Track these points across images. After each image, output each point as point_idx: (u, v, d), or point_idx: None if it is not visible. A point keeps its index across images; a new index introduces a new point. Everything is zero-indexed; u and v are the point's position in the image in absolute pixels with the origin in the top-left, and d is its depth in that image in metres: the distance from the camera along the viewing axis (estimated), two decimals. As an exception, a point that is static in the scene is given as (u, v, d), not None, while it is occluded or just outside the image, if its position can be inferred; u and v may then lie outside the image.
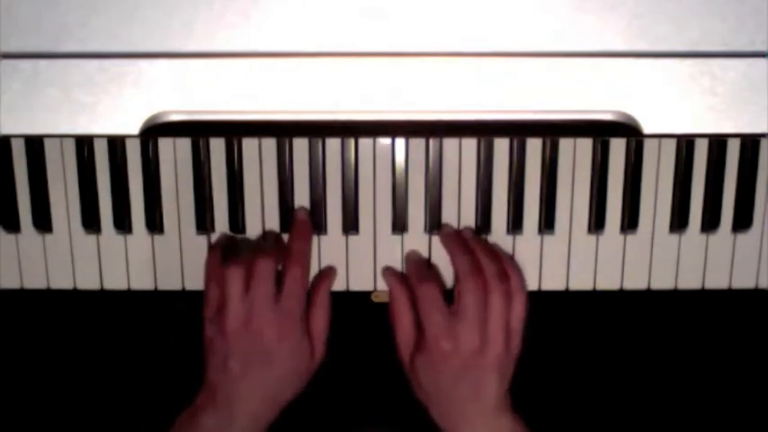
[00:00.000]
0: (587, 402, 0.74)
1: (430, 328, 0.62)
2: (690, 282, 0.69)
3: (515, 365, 0.64)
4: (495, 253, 0.64)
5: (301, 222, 0.66)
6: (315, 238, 0.68)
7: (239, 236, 0.68)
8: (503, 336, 0.62)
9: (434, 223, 0.67)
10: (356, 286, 0.68)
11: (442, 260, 0.67)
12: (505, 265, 0.63)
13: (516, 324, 0.63)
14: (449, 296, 0.63)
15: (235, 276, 0.61)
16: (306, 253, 0.65)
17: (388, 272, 0.67)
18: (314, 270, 0.68)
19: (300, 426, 0.74)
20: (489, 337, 0.61)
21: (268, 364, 0.62)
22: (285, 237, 0.67)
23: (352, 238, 0.68)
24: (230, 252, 0.64)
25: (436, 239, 0.68)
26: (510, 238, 0.68)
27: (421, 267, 0.65)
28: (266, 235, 0.67)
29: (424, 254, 0.68)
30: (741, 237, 0.68)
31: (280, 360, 0.62)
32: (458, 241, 0.65)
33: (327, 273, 0.67)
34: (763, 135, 0.61)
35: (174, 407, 0.64)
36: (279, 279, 0.63)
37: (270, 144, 0.66)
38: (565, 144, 0.66)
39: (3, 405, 0.73)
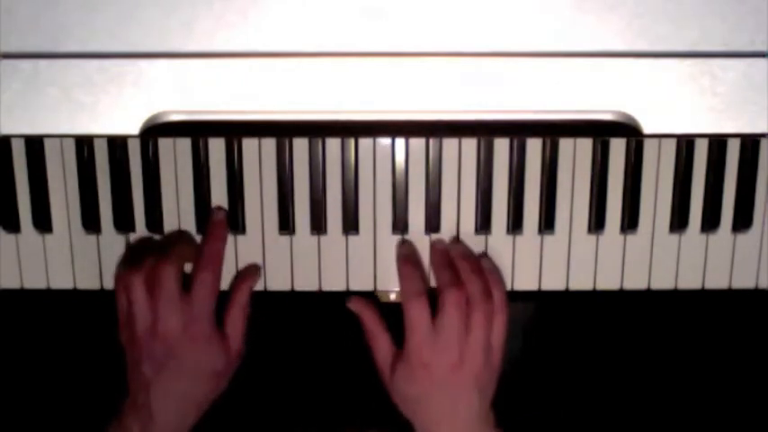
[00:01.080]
0: (587, 402, 0.74)
1: (411, 341, 0.62)
2: (690, 282, 0.69)
3: (498, 381, 0.64)
4: (480, 269, 0.64)
5: (217, 223, 0.66)
6: (315, 238, 0.68)
7: (153, 237, 0.67)
8: (482, 353, 0.62)
9: (434, 223, 0.67)
10: (356, 286, 0.68)
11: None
12: (490, 283, 0.64)
13: (496, 342, 0.63)
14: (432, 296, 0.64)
15: (136, 282, 0.62)
16: (218, 254, 0.65)
17: (354, 300, 0.67)
18: (314, 269, 0.68)
19: (301, 426, 0.74)
20: (468, 354, 0.62)
21: (179, 366, 0.62)
22: (280, 237, 0.68)
23: (352, 238, 0.68)
24: (137, 257, 0.64)
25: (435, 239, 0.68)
26: (510, 238, 0.68)
27: (412, 278, 0.64)
28: (173, 234, 0.67)
29: (425, 254, 0.68)
30: (741, 237, 0.68)
31: (191, 361, 0.63)
32: (444, 257, 0.65)
33: (249, 273, 0.67)
34: (763, 135, 0.61)
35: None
36: (189, 281, 0.63)
37: (270, 144, 0.66)
38: (565, 144, 0.66)
39: (3, 405, 0.73)
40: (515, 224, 0.68)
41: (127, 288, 0.62)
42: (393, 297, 0.68)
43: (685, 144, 0.66)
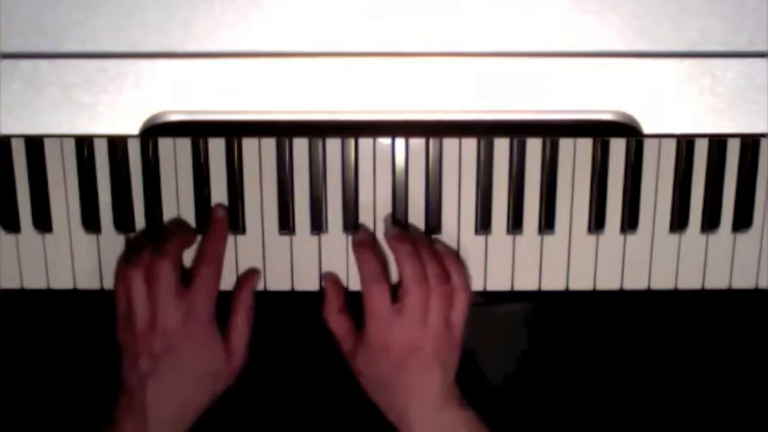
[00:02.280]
0: (587, 402, 0.74)
1: (371, 324, 0.63)
2: (690, 282, 0.69)
3: (460, 359, 0.65)
4: (435, 252, 0.65)
5: (217, 220, 0.66)
6: (315, 238, 0.68)
7: (150, 231, 0.67)
8: (441, 330, 0.63)
9: (434, 223, 0.67)
10: (356, 286, 0.68)
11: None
12: (447, 266, 0.64)
13: (457, 319, 0.64)
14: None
15: (135, 277, 0.62)
16: (219, 252, 0.65)
17: (327, 276, 0.68)
18: (314, 269, 0.68)
19: (302, 426, 0.74)
20: (428, 332, 0.62)
21: (176, 363, 0.62)
22: (280, 237, 0.68)
23: (352, 238, 0.68)
24: (136, 252, 0.64)
25: (436, 240, 0.68)
26: (510, 238, 0.68)
27: (370, 262, 0.65)
28: (177, 223, 0.67)
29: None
30: (741, 237, 0.68)
31: (188, 359, 0.63)
32: (403, 243, 0.65)
33: (249, 276, 0.67)
34: (763, 135, 0.61)
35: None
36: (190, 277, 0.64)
37: (270, 144, 0.66)
38: (565, 144, 0.66)
39: (3, 405, 0.73)
40: (515, 224, 0.68)
41: (125, 282, 0.62)
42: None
43: (685, 144, 0.66)
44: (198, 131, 0.64)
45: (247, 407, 0.74)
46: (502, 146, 0.66)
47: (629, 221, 0.67)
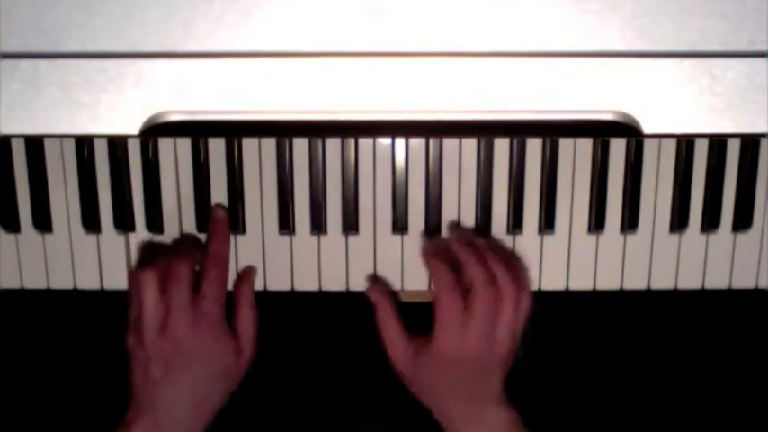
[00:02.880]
0: (587, 402, 0.74)
1: (441, 334, 0.62)
2: (690, 282, 0.69)
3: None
4: (507, 258, 0.64)
5: (219, 221, 0.66)
6: (315, 238, 0.68)
7: (158, 240, 0.68)
8: (510, 339, 0.62)
9: (434, 223, 0.67)
10: (356, 286, 0.68)
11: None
12: (516, 270, 0.63)
13: (520, 325, 0.63)
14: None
15: (149, 281, 0.61)
16: (223, 253, 0.65)
17: (371, 289, 0.67)
18: (314, 269, 0.68)
19: (300, 426, 0.74)
20: (497, 341, 0.62)
21: (189, 367, 0.62)
22: (280, 237, 0.68)
23: (352, 238, 0.68)
24: (148, 258, 0.64)
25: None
26: (510, 238, 0.68)
27: (442, 271, 0.63)
28: (184, 237, 0.67)
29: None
30: (741, 237, 0.68)
31: (201, 362, 0.62)
32: (471, 249, 0.64)
33: (247, 273, 0.67)
34: (763, 135, 0.61)
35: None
36: (197, 281, 0.63)
37: (270, 144, 0.66)
38: (565, 144, 0.66)
39: (3, 405, 0.73)
40: (515, 224, 0.68)
41: (140, 286, 0.61)
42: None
43: (685, 144, 0.66)
44: (198, 131, 0.64)
45: (248, 407, 0.74)
46: (502, 146, 0.66)
47: (629, 221, 0.67)
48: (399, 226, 0.67)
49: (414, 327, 0.66)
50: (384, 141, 0.66)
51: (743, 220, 0.68)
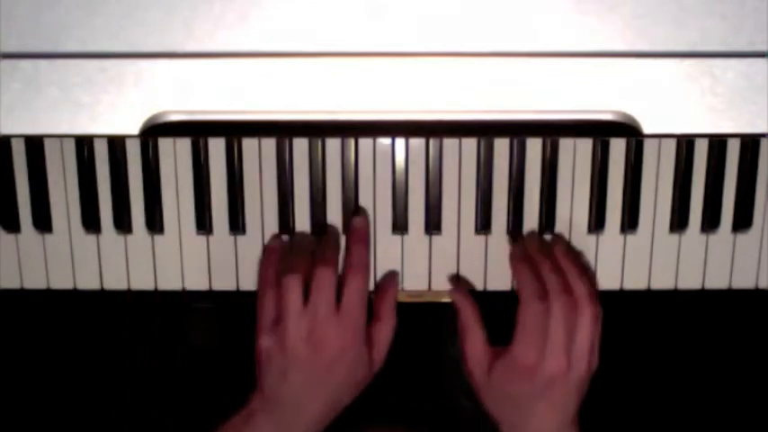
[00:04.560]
0: (587, 402, 0.74)
1: (522, 342, 0.61)
2: (690, 282, 0.69)
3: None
4: (583, 273, 0.63)
5: (360, 229, 0.65)
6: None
7: (289, 237, 0.67)
8: (588, 357, 0.61)
9: (434, 223, 0.67)
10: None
11: (450, 259, 0.67)
12: (592, 285, 0.62)
13: (597, 341, 0.62)
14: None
15: (294, 287, 0.60)
16: (366, 262, 0.64)
17: (455, 291, 0.66)
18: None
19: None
20: (576, 359, 0.60)
21: (329, 376, 0.61)
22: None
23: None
24: (285, 258, 0.63)
25: (436, 240, 0.68)
26: (510, 238, 0.68)
27: (530, 279, 0.62)
28: (319, 237, 0.66)
29: (423, 254, 0.68)
30: (741, 237, 0.68)
31: (340, 371, 0.61)
32: (548, 259, 0.63)
33: (392, 282, 0.66)
34: (763, 135, 0.61)
35: (173, 406, 0.63)
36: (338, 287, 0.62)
37: (270, 144, 0.66)
38: (565, 144, 0.66)
39: (3, 405, 0.73)
40: (515, 224, 0.68)
41: (282, 291, 0.60)
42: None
43: (685, 144, 0.66)
44: (198, 131, 0.64)
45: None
46: (502, 146, 0.66)
47: (629, 221, 0.67)
48: (399, 226, 0.67)
49: (414, 326, 0.66)
50: (384, 141, 0.66)
51: (743, 220, 0.68)
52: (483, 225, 0.67)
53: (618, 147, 0.66)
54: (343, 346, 0.61)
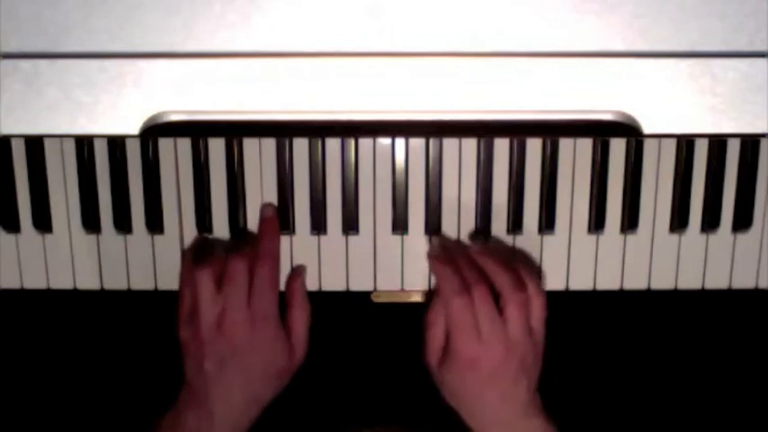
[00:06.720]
0: (587, 402, 0.74)
1: (457, 338, 0.62)
2: (690, 282, 0.69)
3: (541, 365, 0.64)
4: (507, 263, 0.64)
5: (269, 220, 0.66)
6: (315, 238, 0.68)
7: (212, 237, 0.68)
8: (524, 339, 0.62)
9: (434, 223, 0.67)
10: (356, 286, 0.68)
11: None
12: (521, 273, 0.63)
13: (537, 324, 0.63)
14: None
15: (205, 278, 0.62)
16: (275, 251, 0.65)
17: (436, 259, 0.66)
18: (314, 269, 0.68)
19: (300, 426, 0.74)
20: (512, 343, 0.62)
21: (243, 365, 0.62)
22: (282, 237, 0.67)
23: (352, 238, 0.68)
24: (203, 254, 0.64)
25: (436, 240, 0.68)
26: (510, 238, 0.68)
27: (449, 276, 0.63)
28: (234, 235, 0.67)
29: (424, 254, 0.68)
30: (741, 237, 0.68)
31: (255, 360, 0.62)
32: (463, 256, 0.64)
33: (298, 271, 0.68)
34: (763, 135, 0.61)
35: (173, 406, 0.63)
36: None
37: (270, 144, 0.66)
38: (565, 144, 0.66)
39: (3, 405, 0.73)
40: (515, 224, 0.68)
41: (195, 282, 0.62)
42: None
43: (685, 144, 0.66)
44: (198, 131, 0.64)
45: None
46: (502, 146, 0.66)
47: (629, 221, 0.67)
48: (399, 226, 0.67)
49: (414, 326, 0.66)
50: (384, 141, 0.66)
51: (743, 220, 0.68)
52: (483, 225, 0.67)
53: (618, 147, 0.66)
54: (254, 334, 0.62)
